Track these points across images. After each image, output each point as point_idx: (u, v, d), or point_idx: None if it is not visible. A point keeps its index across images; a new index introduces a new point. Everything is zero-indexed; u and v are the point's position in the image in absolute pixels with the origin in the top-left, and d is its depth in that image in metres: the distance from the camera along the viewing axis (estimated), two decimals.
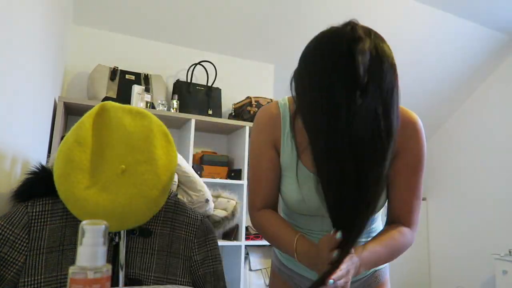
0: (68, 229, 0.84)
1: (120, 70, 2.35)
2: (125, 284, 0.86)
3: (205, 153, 2.49)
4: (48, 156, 1.54)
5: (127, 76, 2.36)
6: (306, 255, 0.78)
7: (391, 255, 0.84)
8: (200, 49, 2.74)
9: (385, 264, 0.99)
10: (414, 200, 0.87)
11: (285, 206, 0.98)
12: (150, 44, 2.60)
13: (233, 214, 1.23)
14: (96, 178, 0.80)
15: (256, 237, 2.40)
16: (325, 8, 2.55)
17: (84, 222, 0.43)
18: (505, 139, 3.23)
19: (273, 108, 0.91)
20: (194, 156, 2.47)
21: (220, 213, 1.20)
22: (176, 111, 2.38)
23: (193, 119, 2.31)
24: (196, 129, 2.51)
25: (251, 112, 2.56)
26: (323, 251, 0.72)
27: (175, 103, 2.39)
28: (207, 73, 2.63)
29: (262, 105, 2.60)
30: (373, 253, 0.80)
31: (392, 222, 0.88)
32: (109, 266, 0.42)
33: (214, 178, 2.38)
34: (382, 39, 0.71)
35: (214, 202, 1.20)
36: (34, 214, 0.82)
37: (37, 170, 0.87)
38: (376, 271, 0.97)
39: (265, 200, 0.91)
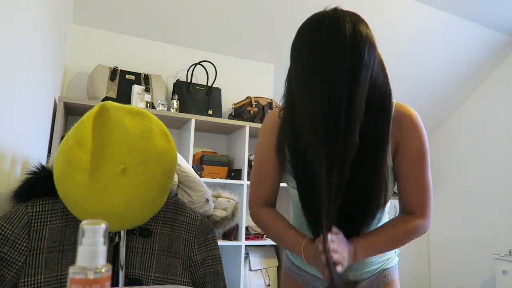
0: (68, 229, 0.84)
1: (120, 70, 2.35)
2: (125, 284, 0.86)
3: (205, 153, 2.49)
4: (48, 156, 1.54)
5: (127, 76, 2.36)
6: (313, 259, 0.82)
7: (393, 240, 0.86)
8: (200, 49, 2.74)
9: (393, 263, 1.00)
10: (422, 191, 0.87)
11: (295, 206, 1.00)
12: (150, 44, 2.60)
13: (233, 214, 1.23)
14: (96, 178, 0.80)
15: (256, 237, 2.40)
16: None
17: (84, 222, 0.43)
18: (506, 139, 3.23)
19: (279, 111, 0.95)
20: (194, 156, 2.47)
21: (220, 213, 1.20)
22: (176, 111, 2.38)
23: (193, 119, 2.31)
24: (196, 129, 2.51)
25: (251, 112, 2.56)
26: (317, 253, 0.76)
27: (175, 103, 2.39)
28: (207, 73, 2.63)
29: (262, 105, 2.60)
30: (371, 237, 0.84)
31: (403, 214, 0.90)
32: (109, 266, 0.42)
33: (214, 178, 2.38)
34: (361, 21, 0.77)
35: (214, 202, 1.20)
36: (34, 214, 0.82)
37: (37, 170, 0.87)
38: (384, 270, 0.97)
39: (267, 197, 0.97)
